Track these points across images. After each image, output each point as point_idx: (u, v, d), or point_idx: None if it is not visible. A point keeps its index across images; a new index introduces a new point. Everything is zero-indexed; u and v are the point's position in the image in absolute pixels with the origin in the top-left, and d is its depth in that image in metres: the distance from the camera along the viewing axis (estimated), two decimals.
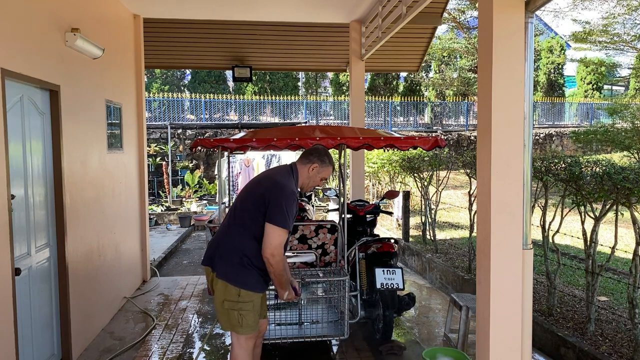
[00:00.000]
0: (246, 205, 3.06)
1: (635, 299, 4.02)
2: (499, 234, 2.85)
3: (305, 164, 3.20)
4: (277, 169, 3.24)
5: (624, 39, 20.06)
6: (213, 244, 3.14)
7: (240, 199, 3.15)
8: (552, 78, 24.17)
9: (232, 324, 3.02)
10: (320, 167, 3.19)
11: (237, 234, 3.02)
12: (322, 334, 4.25)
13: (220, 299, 3.01)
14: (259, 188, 3.05)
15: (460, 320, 4.33)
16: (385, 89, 21.93)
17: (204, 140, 4.26)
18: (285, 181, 3.05)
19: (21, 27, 3.46)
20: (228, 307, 2.98)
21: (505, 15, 2.80)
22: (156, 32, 7.63)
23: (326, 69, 14.05)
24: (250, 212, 3.00)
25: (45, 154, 3.95)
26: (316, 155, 3.21)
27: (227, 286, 2.98)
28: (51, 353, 4.03)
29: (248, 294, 2.98)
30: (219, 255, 3.04)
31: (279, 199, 2.93)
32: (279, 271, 2.95)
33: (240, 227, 3.02)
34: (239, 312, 2.97)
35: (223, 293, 2.99)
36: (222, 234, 3.10)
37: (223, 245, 3.05)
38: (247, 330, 3.02)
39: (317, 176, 3.22)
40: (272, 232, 2.89)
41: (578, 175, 4.37)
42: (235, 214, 3.11)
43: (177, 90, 22.31)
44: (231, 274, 2.98)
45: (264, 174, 3.24)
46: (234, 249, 3.00)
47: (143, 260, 6.80)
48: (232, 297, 2.97)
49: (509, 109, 2.83)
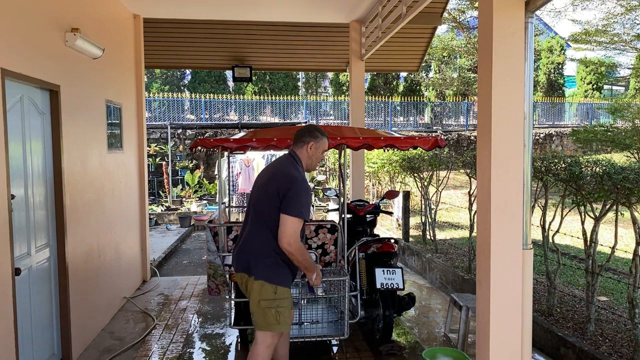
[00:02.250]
0: (263, 204, 3.12)
1: (635, 299, 4.02)
2: (499, 234, 2.85)
3: (301, 147, 3.27)
4: (280, 162, 3.28)
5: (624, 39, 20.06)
6: (242, 249, 3.20)
7: (256, 199, 3.21)
8: (552, 78, 24.17)
9: (269, 322, 3.07)
10: (317, 143, 3.27)
11: (262, 234, 3.09)
12: (322, 334, 4.25)
13: (256, 300, 3.07)
14: (271, 185, 3.10)
15: (460, 320, 4.33)
16: (385, 89, 21.93)
17: (204, 140, 4.26)
18: (293, 171, 3.12)
19: (21, 27, 3.46)
20: (265, 306, 3.04)
21: (505, 15, 2.80)
22: (156, 32, 7.63)
23: (326, 69, 14.05)
24: (269, 210, 3.07)
25: (45, 154, 3.95)
26: (307, 134, 3.28)
27: (263, 285, 3.05)
28: (51, 353, 4.03)
29: (284, 290, 3.08)
30: (252, 259, 3.11)
31: (290, 189, 3.00)
32: (300, 258, 3.03)
33: (264, 227, 3.09)
34: (276, 310, 3.05)
35: (259, 293, 3.06)
36: (248, 237, 3.17)
37: (253, 248, 3.12)
38: (283, 327, 3.10)
39: (317, 152, 3.29)
40: (285, 221, 2.97)
41: (578, 175, 4.37)
42: (254, 214, 3.18)
43: (177, 90, 22.31)
44: (268, 273, 3.06)
45: (271, 170, 3.27)
46: (264, 249, 3.08)
47: (143, 260, 6.80)
48: (268, 296, 3.04)
49: (509, 109, 2.83)
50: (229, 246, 4.61)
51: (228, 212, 6.29)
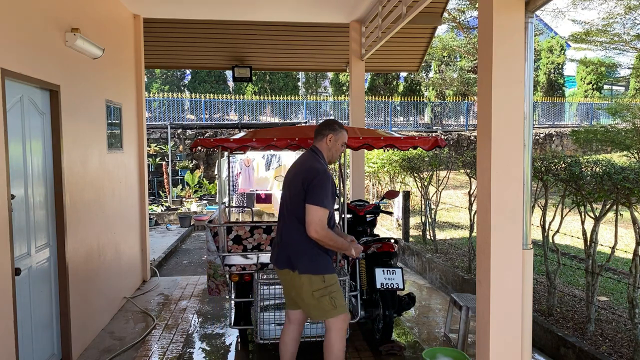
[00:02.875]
0: (293, 199, 3.27)
1: (635, 299, 4.02)
2: (499, 234, 2.85)
3: (321, 140, 3.41)
4: (303, 157, 3.43)
5: (624, 39, 20.06)
6: (282, 247, 3.32)
7: (286, 196, 3.37)
8: (552, 78, 24.16)
9: (326, 310, 3.21)
10: (335, 135, 3.40)
11: (297, 229, 3.22)
12: (322, 334, 4.24)
13: (309, 292, 3.20)
14: (298, 180, 3.25)
15: (460, 320, 4.33)
16: (385, 89, 21.93)
17: (204, 140, 4.26)
18: (316, 164, 3.28)
19: (21, 27, 3.46)
20: (319, 295, 3.18)
21: (505, 15, 2.80)
22: (156, 32, 7.63)
23: (326, 69, 14.05)
24: (298, 204, 3.21)
25: (45, 154, 3.95)
26: (325, 127, 3.42)
27: (311, 278, 3.19)
28: (51, 353, 4.03)
29: (331, 277, 3.24)
30: (293, 254, 3.25)
31: (313, 181, 3.16)
32: (330, 242, 3.17)
33: (297, 221, 3.23)
34: (330, 296, 3.20)
35: (309, 286, 3.19)
36: (284, 234, 3.32)
37: (290, 244, 3.27)
38: (341, 309, 3.24)
39: (336, 144, 3.42)
40: (310, 211, 3.12)
41: (578, 175, 4.37)
42: (287, 211, 3.33)
43: (177, 90, 22.31)
44: (312, 265, 3.20)
45: (297, 166, 3.41)
46: (301, 243, 3.22)
47: (143, 260, 6.80)
48: (319, 286, 3.19)
49: (509, 109, 2.83)
50: (229, 246, 4.61)
51: (228, 212, 6.29)
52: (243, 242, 4.62)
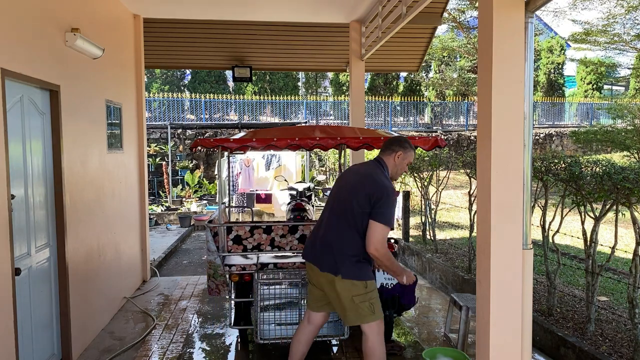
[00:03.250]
0: (350, 205, 3.24)
1: (635, 299, 4.02)
2: (499, 234, 2.85)
3: (389, 155, 3.39)
4: (369, 166, 3.39)
5: (624, 39, 20.06)
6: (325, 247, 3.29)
7: (342, 198, 3.34)
8: (552, 78, 24.16)
9: (364, 315, 3.23)
10: (404, 153, 3.39)
11: (347, 235, 3.22)
12: (322, 334, 4.25)
13: (348, 297, 3.20)
14: (362, 189, 3.22)
15: (460, 320, 4.33)
16: (385, 89, 21.92)
17: (204, 140, 4.26)
18: (384, 180, 3.26)
19: (21, 27, 3.46)
20: (359, 301, 3.20)
21: (505, 15, 2.80)
22: (156, 32, 7.63)
23: (326, 69, 14.04)
24: (357, 212, 3.20)
25: (45, 154, 3.95)
26: (397, 143, 3.39)
27: (354, 283, 3.20)
28: (51, 353, 4.03)
29: (372, 283, 3.28)
30: (339, 258, 3.22)
31: (382, 198, 3.15)
32: (387, 262, 3.21)
33: (349, 227, 3.22)
34: (370, 302, 3.22)
35: (350, 291, 3.20)
36: (330, 235, 3.29)
37: (338, 247, 3.24)
38: (379, 315, 3.27)
39: (403, 162, 3.41)
40: (375, 228, 3.13)
41: (578, 175, 4.37)
42: (339, 213, 3.31)
43: (177, 90, 22.31)
44: (356, 271, 3.21)
45: (361, 173, 3.37)
46: (349, 249, 3.22)
47: (143, 260, 6.80)
48: (360, 292, 3.20)
49: (509, 109, 2.83)
50: (229, 246, 4.61)
51: (228, 212, 6.29)
52: (243, 242, 4.62)
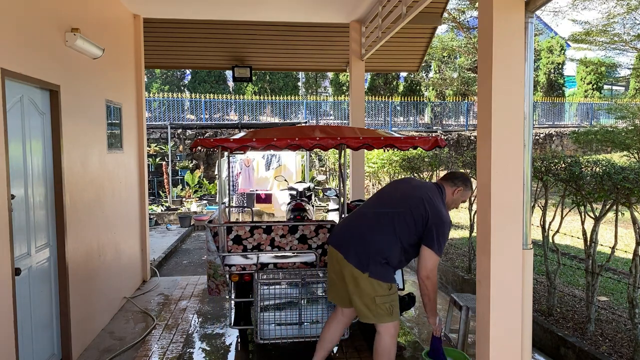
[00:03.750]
0: (403, 216, 3.30)
1: (635, 299, 4.02)
2: (499, 234, 2.85)
3: (451, 187, 3.50)
4: (430, 189, 3.43)
5: (624, 39, 20.06)
6: (363, 245, 3.32)
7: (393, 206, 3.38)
8: (552, 78, 24.15)
9: (381, 315, 3.29)
10: (464, 191, 3.52)
11: (388, 240, 3.28)
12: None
13: (371, 296, 3.26)
14: (420, 208, 3.27)
15: (460, 320, 4.33)
16: (385, 89, 21.92)
17: (204, 140, 4.25)
18: (443, 209, 3.33)
19: (21, 27, 3.46)
20: (380, 301, 3.27)
21: (505, 15, 2.80)
22: (156, 32, 7.63)
23: (326, 69, 14.04)
24: (409, 226, 3.27)
25: (45, 154, 3.95)
26: (461, 180, 3.52)
27: (379, 284, 3.26)
28: (51, 353, 4.03)
29: (394, 286, 3.36)
30: (372, 258, 3.27)
31: (441, 228, 3.24)
32: (432, 293, 3.30)
33: (392, 235, 3.28)
34: (390, 304, 3.30)
35: (374, 290, 3.26)
36: (368, 234, 3.32)
37: (374, 248, 3.29)
38: (396, 317, 3.35)
39: (460, 199, 3.54)
40: (429, 256, 3.23)
41: (578, 175, 4.37)
42: (383, 217, 3.34)
43: (177, 90, 22.30)
44: (383, 272, 3.28)
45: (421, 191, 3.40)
46: (384, 252, 3.28)
47: (143, 260, 6.80)
48: (384, 292, 3.27)
49: (509, 109, 2.83)
50: (229, 246, 4.60)
51: (228, 212, 6.29)
52: (243, 242, 4.62)
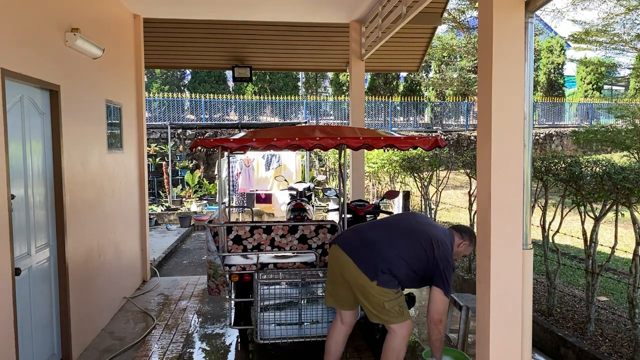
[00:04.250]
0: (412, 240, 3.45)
1: (635, 299, 4.02)
2: (499, 234, 2.85)
3: (458, 238, 3.64)
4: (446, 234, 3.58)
5: (624, 39, 20.06)
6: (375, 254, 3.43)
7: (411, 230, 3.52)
8: (552, 78, 24.15)
9: (393, 317, 3.40)
10: (468, 246, 3.68)
11: (402, 262, 3.41)
12: (322, 334, 4.25)
13: (380, 302, 3.38)
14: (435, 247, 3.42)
15: (460, 320, 4.32)
16: (385, 89, 21.92)
17: (204, 140, 4.25)
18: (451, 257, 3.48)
19: (21, 27, 3.46)
20: (389, 306, 3.38)
21: (505, 15, 2.80)
22: (156, 32, 7.63)
23: (326, 69, 14.04)
24: (415, 250, 3.42)
25: (45, 154, 3.95)
26: (468, 234, 3.67)
27: (385, 291, 3.37)
28: (51, 353, 4.03)
29: (399, 291, 3.48)
30: (381, 268, 3.39)
31: (448, 271, 3.42)
32: (440, 335, 3.46)
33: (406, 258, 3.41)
34: (399, 305, 3.41)
35: (382, 297, 3.37)
36: (387, 251, 3.43)
37: (390, 262, 3.40)
38: (407, 316, 3.45)
39: (462, 252, 3.70)
40: (440, 298, 3.40)
41: (578, 175, 4.37)
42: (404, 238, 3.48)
43: (177, 90, 22.29)
44: (389, 281, 3.39)
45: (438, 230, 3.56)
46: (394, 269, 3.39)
47: (143, 260, 6.80)
48: (392, 296, 3.39)
49: (509, 109, 2.83)
50: (229, 246, 4.61)
51: (228, 212, 6.29)
52: (243, 242, 4.62)
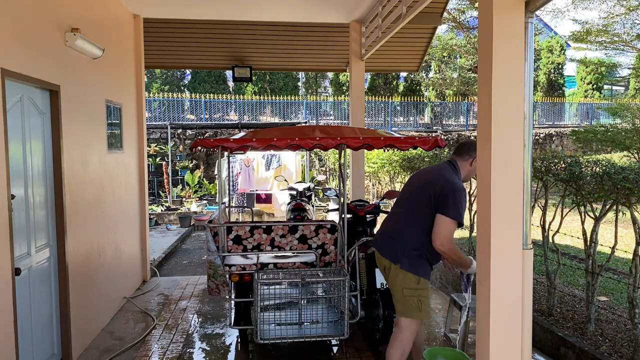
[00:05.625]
0: (419, 203, 3.38)
1: (635, 299, 4.02)
2: (499, 234, 2.85)
3: (466, 160, 3.48)
4: (441, 167, 3.49)
5: (624, 38, 20.06)
6: (393, 239, 3.43)
7: (412, 197, 3.48)
8: (552, 78, 24.16)
9: (410, 310, 3.35)
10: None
11: (413, 230, 3.36)
12: (322, 334, 4.25)
13: (399, 287, 3.35)
14: (431, 188, 3.33)
15: (460, 320, 4.32)
16: (385, 89, 21.92)
17: (204, 140, 4.25)
18: (454, 179, 3.37)
19: (21, 27, 3.46)
20: (407, 294, 3.32)
21: (505, 15, 2.79)
22: (156, 32, 7.63)
23: (326, 69, 14.04)
24: (425, 209, 3.33)
25: (45, 154, 3.95)
26: (474, 149, 3.41)
27: (407, 275, 3.32)
28: (51, 353, 4.03)
29: (425, 282, 3.37)
30: (400, 249, 3.37)
31: (450, 193, 3.25)
32: (454, 257, 3.33)
33: (415, 223, 3.37)
34: (419, 299, 3.33)
35: (402, 282, 3.33)
36: (397, 229, 3.44)
37: (402, 240, 3.38)
38: (425, 315, 3.38)
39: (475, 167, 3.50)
40: (441, 222, 3.23)
41: (578, 175, 4.37)
42: (407, 210, 3.45)
43: (177, 90, 22.29)
44: (413, 265, 3.34)
45: (432, 174, 3.48)
46: (412, 243, 3.35)
47: (143, 260, 6.80)
48: (411, 285, 3.32)
49: (509, 109, 2.83)
50: (229, 246, 4.61)
51: (228, 212, 6.29)
52: (243, 242, 4.62)
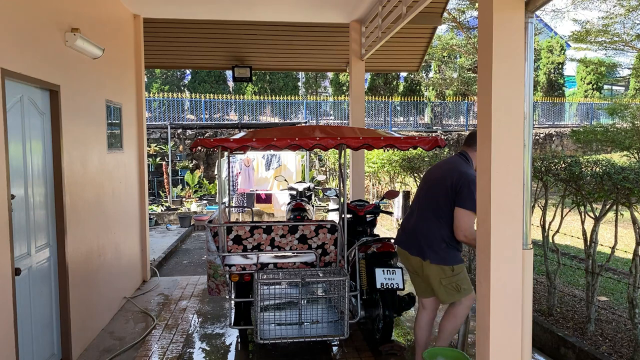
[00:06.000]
0: (437, 196, 3.51)
1: (635, 299, 4.02)
2: (499, 234, 2.85)
3: (476, 149, 3.45)
4: (454, 161, 3.61)
5: (624, 38, 20.06)
6: (413, 235, 3.58)
7: (429, 192, 3.61)
8: (552, 78, 24.17)
9: (452, 295, 3.52)
10: None
11: (434, 223, 3.49)
12: (322, 334, 4.25)
13: (437, 280, 3.50)
14: (447, 181, 3.46)
15: None
16: (385, 89, 21.93)
17: (204, 140, 4.25)
18: (467, 170, 3.48)
19: (21, 27, 3.46)
20: (446, 283, 3.48)
21: (505, 15, 2.79)
22: (156, 32, 7.63)
23: (326, 69, 14.05)
24: (443, 202, 3.47)
25: (45, 154, 3.95)
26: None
27: (442, 268, 3.47)
28: (51, 353, 4.03)
29: (459, 267, 3.53)
30: (426, 245, 3.50)
31: (465, 185, 3.38)
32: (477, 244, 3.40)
33: (435, 216, 3.49)
34: (457, 283, 3.50)
35: (439, 274, 3.48)
36: (419, 225, 3.57)
37: (425, 235, 3.52)
38: (467, 291, 3.54)
39: None
40: (461, 215, 3.38)
41: (578, 175, 4.37)
42: (426, 204, 3.58)
43: (177, 90, 22.30)
44: (443, 257, 3.47)
45: (445, 167, 3.61)
46: (436, 236, 3.49)
47: (143, 260, 6.80)
48: (447, 275, 3.47)
49: (509, 109, 2.83)
50: (229, 246, 4.61)
51: (228, 212, 6.29)
52: (243, 242, 4.62)
